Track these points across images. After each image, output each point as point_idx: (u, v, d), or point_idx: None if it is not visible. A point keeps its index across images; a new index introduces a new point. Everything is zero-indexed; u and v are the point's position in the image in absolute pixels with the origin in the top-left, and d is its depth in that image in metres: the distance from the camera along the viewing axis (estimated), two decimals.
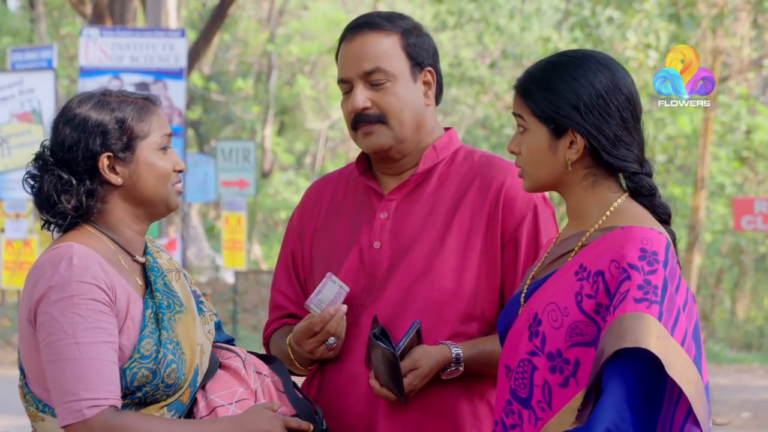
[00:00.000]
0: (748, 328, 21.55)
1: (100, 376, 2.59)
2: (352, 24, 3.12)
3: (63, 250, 2.66)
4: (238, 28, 32.14)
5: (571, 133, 2.60)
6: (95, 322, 2.62)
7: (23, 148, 14.50)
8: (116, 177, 2.74)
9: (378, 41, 3.05)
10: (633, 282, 2.46)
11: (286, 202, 30.54)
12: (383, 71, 3.04)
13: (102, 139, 2.72)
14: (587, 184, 2.64)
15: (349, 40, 3.08)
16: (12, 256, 15.15)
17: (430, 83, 3.11)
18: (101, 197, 2.75)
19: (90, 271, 2.63)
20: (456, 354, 2.97)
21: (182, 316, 2.76)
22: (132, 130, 2.74)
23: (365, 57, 3.04)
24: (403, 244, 3.06)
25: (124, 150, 2.73)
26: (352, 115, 3.07)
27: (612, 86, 2.61)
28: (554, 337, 2.54)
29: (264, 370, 2.87)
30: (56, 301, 2.61)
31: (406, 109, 3.06)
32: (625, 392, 2.42)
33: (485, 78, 25.17)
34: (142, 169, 2.75)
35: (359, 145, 3.11)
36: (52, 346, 2.61)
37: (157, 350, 2.67)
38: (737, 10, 20.73)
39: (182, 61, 15.33)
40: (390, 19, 3.09)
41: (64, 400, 2.59)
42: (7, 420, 10.15)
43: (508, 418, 2.63)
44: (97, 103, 2.76)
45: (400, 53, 3.06)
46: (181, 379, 2.70)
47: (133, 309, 2.69)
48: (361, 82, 3.05)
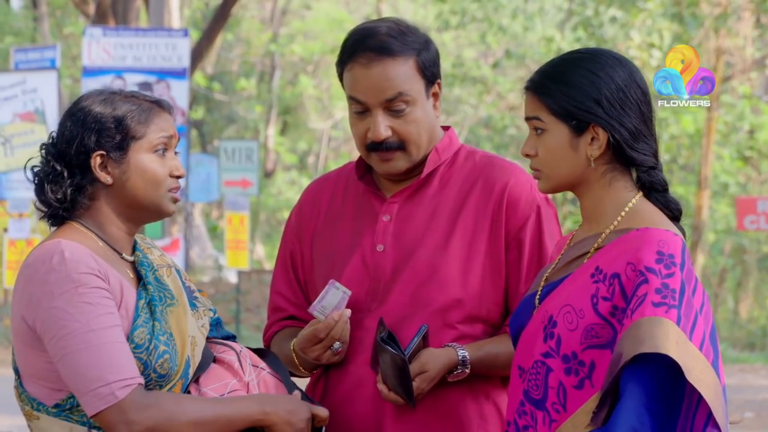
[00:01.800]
0: (751, 328, 21.53)
1: (121, 357, 2.59)
2: (365, 45, 3.01)
3: (52, 246, 2.65)
4: (241, 27, 32.13)
5: (593, 128, 2.60)
6: (104, 308, 2.62)
7: (26, 148, 14.51)
8: (106, 176, 2.73)
9: (396, 68, 2.99)
10: (651, 286, 2.45)
11: (289, 202, 30.53)
12: (404, 98, 3.00)
13: (97, 137, 2.71)
14: (605, 181, 2.63)
15: (364, 66, 3.00)
16: (15, 255, 15.16)
17: (437, 94, 3.10)
18: (89, 194, 2.74)
19: (83, 262, 2.63)
20: (462, 356, 2.96)
21: (173, 308, 2.75)
22: (127, 130, 2.73)
23: (386, 85, 2.99)
24: (406, 247, 3.05)
25: (116, 149, 2.72)
26: (369, 140, 3.03)
27: (630, 80, 2.61)
28: (569, 339, 2.54)
29: (261, 364, 2.87)
30: (61, 294, 2.60)
31: (424, 132, 3.04)
32: (644, 396, 2.42)
33: (488, 78, 25.16)
34: (132, 171, 2.73)
35: (373, 166, 3.08)
36: (66, 338, 2.60)
37: (149, 340, 2.66)
38: (740, 10, 20.72)
39: (185, 61, 15.33)
40: (403, 39, 3.02)
41: (91, 388, 2.58)
42: (9, 420, 10.16)
43: (521, 419, 2.63)
44: (102, 99, 2.75)
45: (417, 75, 3.02)
46: (174, 370, 2.69)
47: (127, 298, 2.69)
48: (380, 109, 3.01)
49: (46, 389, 2.67)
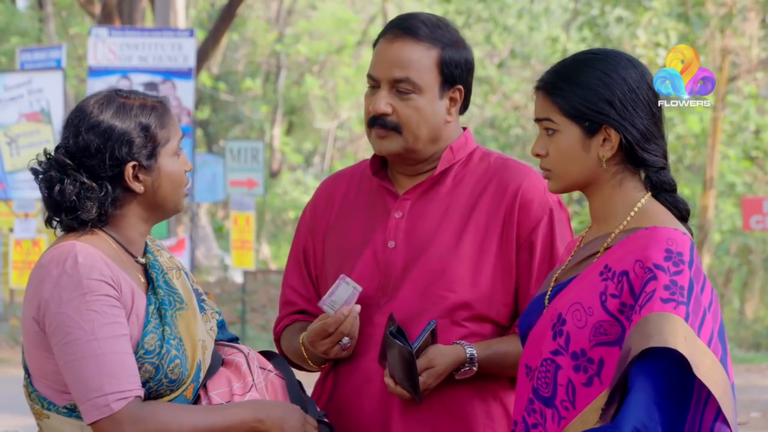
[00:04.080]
0: (756, 328, 21.52)
1: (123, 368, 2.60)
2: (397, 23, 3.09)
3: (66, 248, 2.65)
4: (247, 27, 32.16)
5: (605, 129, 2.60)
6: (111, 317, 2.62)
7: (32, 148, 14.51)
8: (139, 185, 2.73)
9: (415, 51, 3.03)
10: (659, 282, 2.46)
11: (295, 202, 30.56)
12: (411, 82, 3.02)
13: (129, 148, 2.70)
14: (615, 182, 2.64)
15: (389, 41, 3.06)
16: (21, 255, 15.18)
17: (456, 100, 3.11)
18: (120, 203, 2.74)
19: (96, 268, 2.63)
20: (470, 354, 2.97)
21: (183, 312, 2.76)
22: (156, 138, 2.74)
23: (398, 64, 3.02)
24: (417, 244, 3.06)
25: (148, 158, 2.73)
26: (371, 114, 3.07)
27: (641, 81, 2.62)
28: (578, 337, 2.54)
29: (268, 366, 2.88)
30: (69, 300, 2.61)
31: (424, 124, 3.05)
32: (653, 391, 2.42)
33: (493, 78, 25.18)
34: (162, 178, 2.75)
35: (371, 143, 3.11)
36: (70, 345, 2.61)
37: (160, 345, 2.67)
38: (746, 10, 20.71)
39: (191, 61, 15.34)
40: (434, 29, 3.06)
41: (89, 397, 2.59)
42: (17, 420, 10.18)
43: (530, 417, 2.63)
44: (118, 109, 2.73)
45: (434, 68, 3.04)
46: (185, 374, 2.70)
47: (138, 304, 2.69)
48: (387, 86, 3.04)
49: (55, 391, 2.68)
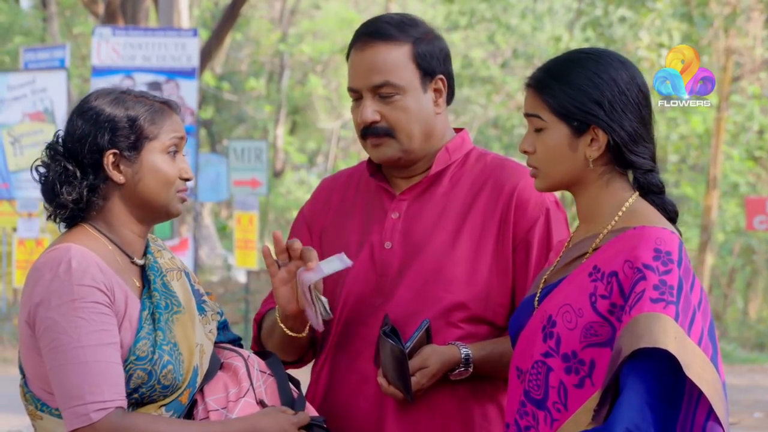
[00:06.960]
0: (760, 328, 21.52)
1: (106, 378, 2.59)
2: (363, 30, 3.08)
3: (61, 252, 2.65)
4: (250, 27, 32.17)
5: (593, 129, 2.60)
6: (98, 324, 2.61)
7: (35, 148, 14.54)
8: (119, 175, 2.73)
9: (388, 53, 3.02)
10: (648, 282, 2.45)
11: (298, 202, 30.55)
12: (392, 85, 3.01)
13: (110, 135, 2.71)
14: (602, 182, 2.64)
15: (359, 50, 3.05)
16: (24, 255, 15.20)
17: (440, 90, 3.08)
18: (103, 194, 2.73)
19: (89, 273, 2.62)
20: (465, 354, 2.95)
21: (180, 316, 2.75)
22: (141, 130, 2.73)
23: (375, 70, 3.01)
24: (414, 245, 3.05)
25: (130, 149, 2.72)
26: (361, 126, 3.06)
27: (632, 82, 2.61)
28: (569, 338, 2.54)
29: (268, 370, 2.86)
30: (58, 305, 2.60)
31: (415, 122, 3.04)
32: (644, 392, 2.42)
33: (497, 78, 25.18)
34: (144, 171, 2.74)
35: (368, 153, 3.10)
36: (56, 351, 2.60)
37: (152, 351, 2.65)
38: (750, 10, 20.70)
39: (194, 61, 15.36)
40: (401, 27, 3.05)
41: (71, 405, 2.58)
42: (19, 419, 10.18)
43: (522, 419, 2.62)
44: (113, 99, 2.75)
45: (410, 64, 3.03)
46: (179, 380, 2.69)
47: (131, 310, 2.68)
48: (370, 95, 3.03)
49: (48, 393, 2.67)
